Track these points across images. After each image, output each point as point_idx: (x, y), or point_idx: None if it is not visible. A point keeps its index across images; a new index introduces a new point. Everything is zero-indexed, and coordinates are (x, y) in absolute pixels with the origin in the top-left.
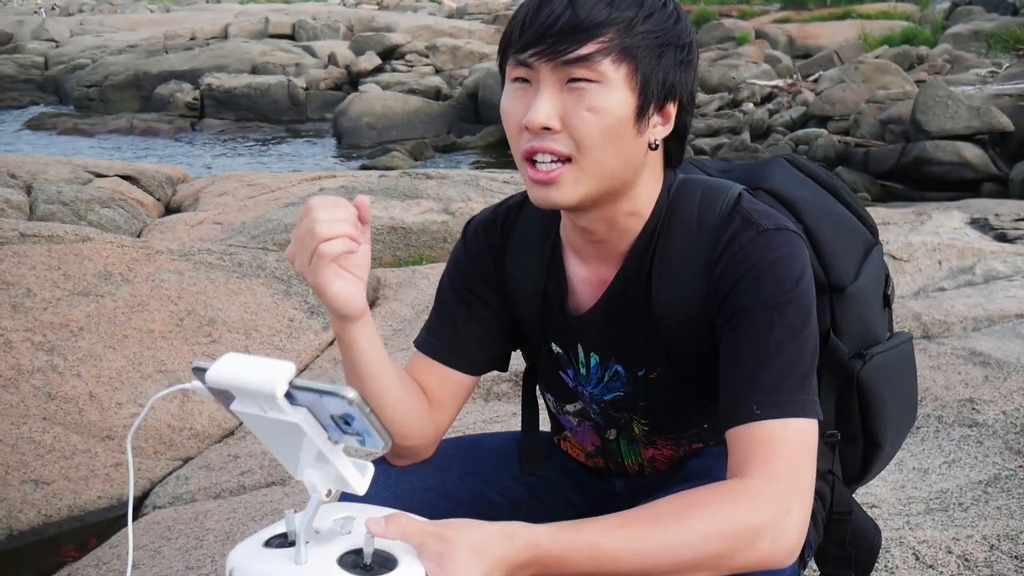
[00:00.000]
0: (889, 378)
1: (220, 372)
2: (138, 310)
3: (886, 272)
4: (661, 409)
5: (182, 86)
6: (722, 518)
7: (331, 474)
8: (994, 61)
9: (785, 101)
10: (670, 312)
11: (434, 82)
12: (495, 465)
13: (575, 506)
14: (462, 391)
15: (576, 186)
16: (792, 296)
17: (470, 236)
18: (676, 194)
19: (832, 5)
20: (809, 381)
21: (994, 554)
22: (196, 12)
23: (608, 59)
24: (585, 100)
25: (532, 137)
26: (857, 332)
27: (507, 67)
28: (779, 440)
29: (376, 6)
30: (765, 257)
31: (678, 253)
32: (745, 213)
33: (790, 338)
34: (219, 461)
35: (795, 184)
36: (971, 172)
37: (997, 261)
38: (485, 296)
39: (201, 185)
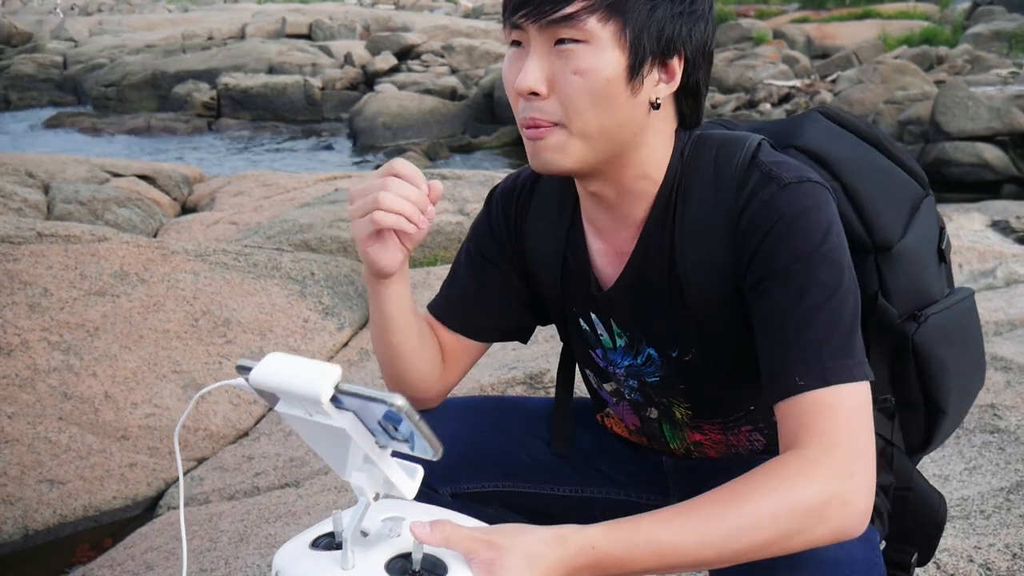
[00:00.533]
0: (948, 339)
1: (264, 373)
2: (154, 310)
3: (940, 225)
4: (701, 392)
5: (199, 86)
6: (786, 494)
7: (379, 477)
8: (1015, 61)
9: (803, 102)
10: (696, 278)
11: (450, 82)
12: (531, 428)
13: (610, 477)
14: (467, 355)
15: (569, 150)
16: (823, 252)
17: (492, 204)
18: (691, 153)
19: (851, 5)
20: (852, 341)
21: (1016, 563)
22: (214, 12)
23: (593, 17)
24: (572, 62)
25: (525, 105)
26: (909, 292)
27: (504, 31)
28: (829, 408)
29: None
30: (789, 211)
31: (698, 214)
32: (764, 166)
33: (826, 298)
34: (233, 462)
35: (831, 139)
36: (991, 174)
37: (1018, 264)
38: (500, 264)
39: (217, 185)
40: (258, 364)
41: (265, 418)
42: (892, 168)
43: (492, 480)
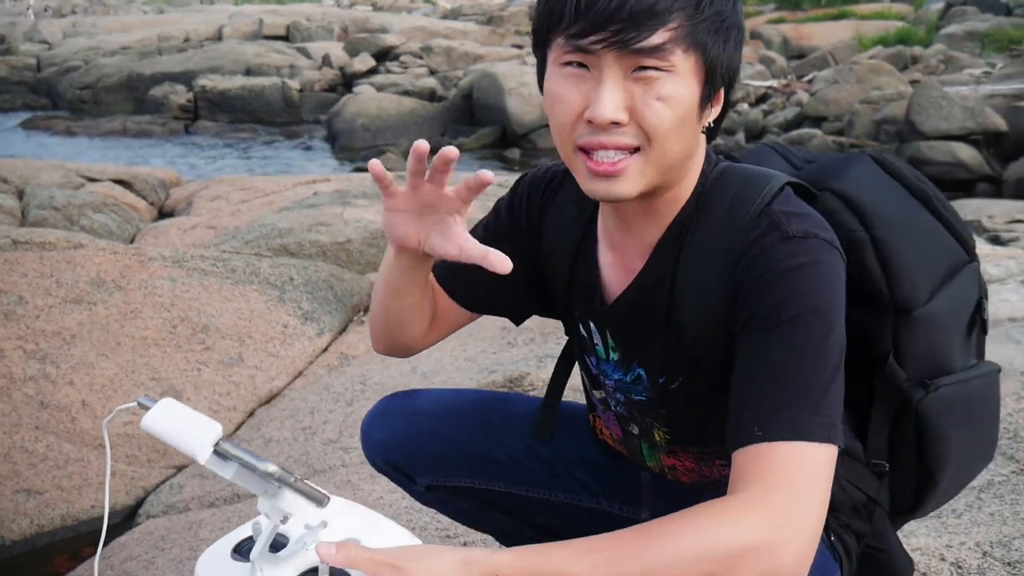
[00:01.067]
0: (955, 412)
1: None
2: (131, 317)
3: (980, 295)
4: (682, 420)
5: (176, 88)
6: (708, 535)
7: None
8: (988, 61)
9: (780, 101)
10: (691, 310)
11: (429, 83)
12: (511, 428)
13: (587, 488)
14: (456, 320)
15: (640, 178)
16: (811, 308)
17: (520, 188)
18: (712, 185)
19: (827, 5)
20: (825, 402)
21: (987, 561)
22: (190, 13)
23: (679, 49)
24: (654, 89)
25: (593, 131)
26: (924, 358)
27: (554, 48)
28: (780, 459)
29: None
30: (785, 263)
31: (704, 249)
32: (774, 215)
33: (805, 354)
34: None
35: (873, 187)
36: (965, 172)
37: (990, 264)
38: (511, 244)
39: (194, 189)
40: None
41: (244, 425)
42: (936, 229)
43: (467, 476)
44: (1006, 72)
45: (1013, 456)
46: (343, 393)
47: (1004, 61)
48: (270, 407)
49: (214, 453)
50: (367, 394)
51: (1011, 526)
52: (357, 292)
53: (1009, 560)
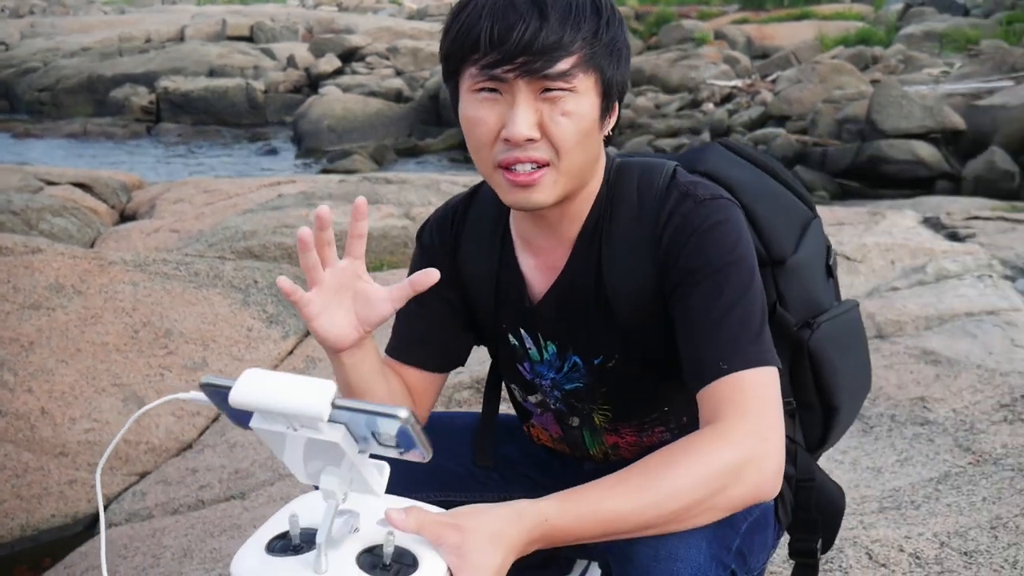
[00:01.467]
0: (838, 344)
1: (247, 393)
2: (91, 323)
3: (827, 244)
4: (621, 396)
5: (137, 89)
6: (708, 458)
7: (348, 478)
8: (946, 61)
9: (744, 101)
10: (622, 291)
11: (395, 84)
12: (457, 442)
13: (537, 483)
14: (434, 388)
15: (555, 187)
16: (734, 258)
17: (425, 237)
18: (616, 177)
19: (789, 6)
20: (764, 333)
21: (944, 551)
22: (151, 14)
23: (581, 72)
24: (560, 106)
25: (510, 148)
26: (802, 302)
27: (467, 77)
28: (746, 385)
29: (336, 8)
30: (704, 223)
31: (623, 233)
32: (682, 186)
33: (739, 297)
34: (176, 476)
35: (730, 165)
36: (925, 170)
37: (948, 260)
38: (445, 294)
39: (157, 192)
40: (237, 382)
41: (209, 430)
42: (784, 192)
43: (425, 491)
44: (964, 72)
45: (969, 448)
46: None
47: (962, 61)
48: None
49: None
50: None
51: (968, 516)
52: None
53: (966, 550)
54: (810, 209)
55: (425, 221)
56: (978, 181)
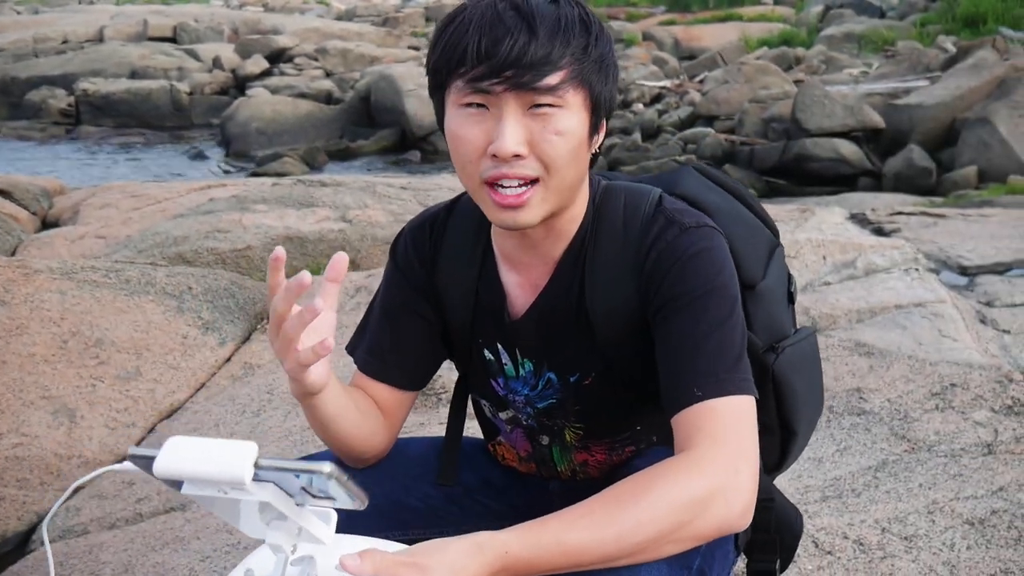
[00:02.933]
0: (799, 370)
1: (170, 463)
2: (16, 333)
3: (788, 271)
4: (594, 414)
5: (55, 92)
6: (676, 488)
7: (294, 530)
8: (865, 62)
9: (673, 101)
10: (604, 313)
11: (325, 85)
12: (415, 472)
13: (495, 512)
14: (405, 406)
15: (543, 205)
16: (716, 285)
17: (400, 249)
18: (601, 200)
19: (714, 8)
20: (742, 362)
21: (885, 536)
22: (68, 14)
23: (571, 87)
24: (551, 124)
25: (497, 164)
26: (767, 327)
27: (453, 91)
28: (719, 414)
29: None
30: (688, 251)
31: (608, 256)
32: (668, 213)
33: (719, 324)
34: (113, 489)
35: (705, 190)
36: (848, 167)
37: (876, 255)
38: (419, 308)
39: (81, 197)
40: (160, 453)
41: (144, 442)
42: (752, 218)
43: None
44: (882, 72)
45: (904, 436)
46: (249, 404)
47: (879, 61)
48: (172, 421)
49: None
50: (274, 403)
51: (906, 502)
52: (260, 300)
53: (906, 535)
54: (775, 235)
55: (399, 234)
56: (898, 178)
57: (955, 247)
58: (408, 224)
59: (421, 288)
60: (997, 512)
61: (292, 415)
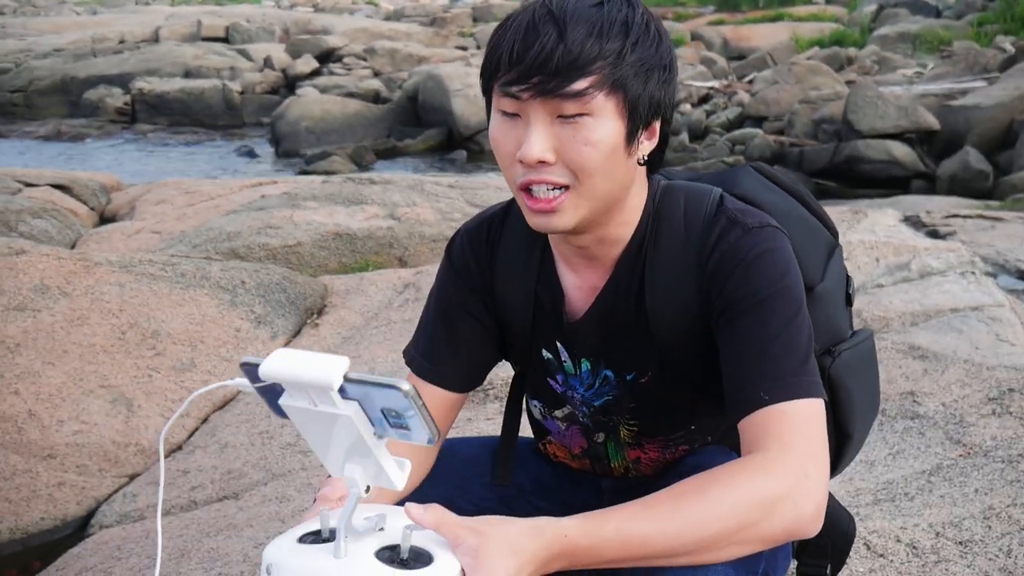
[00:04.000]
0: (855, 373)
1: (274, 366)
2: (77, 324)
3: (846, 273)
4: (650, 412)
5: (112, 91)
6: (744, 488)
7: (371, 470)
8: (919, 62)
9: (722, 102)
10: (665, 315)
11: (373, 85)
12: (466, 473)
13: (548, 513)
14: (455, 408)
15: (576, 211)
16: (781, 287)
17: (455, 250)
18: (661, 200)
19: (764, 7)
20: (808, 364)
21: (940, 541)
22: (125, 15)
23: (600, 93)
24: (580, 133)
25: (527, 170)
26: (825, 330)
27: (494, 96)
28: (789, 417)
29: (312, 8)
30: (752, 252)
31: (668, 257)
32: (730, 213)
33: (785, 326)
34: (168, 477)
35: (763, 190)
36: (901, 170)
37: (931, 257)
38: (475, 310)
39: (137, 193)
40: (266, 359)
41: (198, 431)
42: (812, 219)
43: None
44: (937, 72)
45: (960, 440)
46: None
47: (934, 62)
48: (224, 412)
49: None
50: None
51: (961, 507)
52: (310, 295)
53: (960, 539)
54: (834, 236)
55: (454, 235)
56: (952, 180)
57: (1013, 251)
58: (464, 225)
59: (477, 290)
60: None
61: None
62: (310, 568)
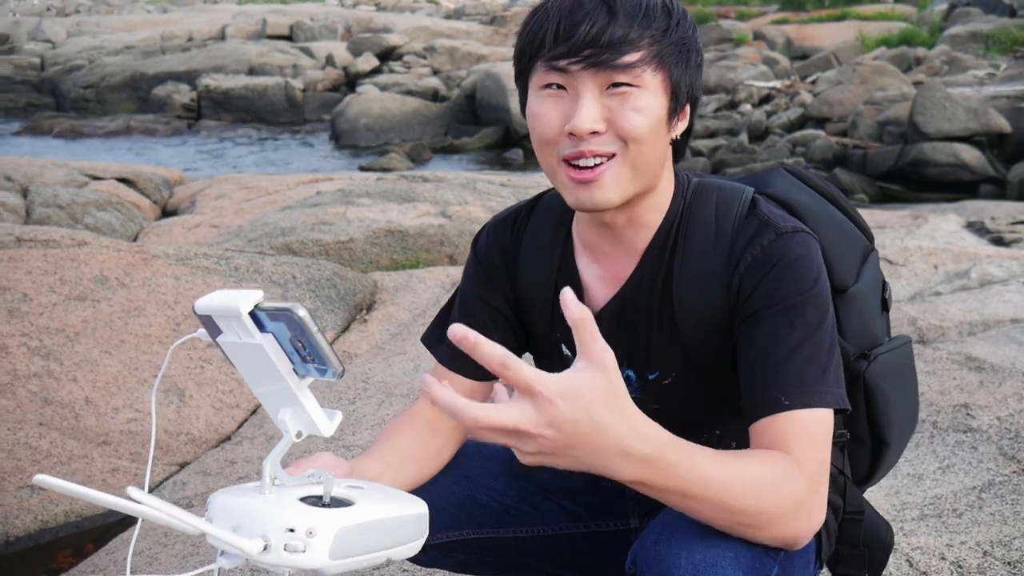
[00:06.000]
0: (892, 378)
1: (207, 301)
2: (134, 315)
3: (882, 277)
4: (672, 415)
5: (179, 87)
6: (785, 477)
7: (302, 416)
8: (991, 63)
9: (783, 102)
10: (691, 309)
11: (432, 83)
12: (489, 470)
13: (570, 512)
14: (484, 393)
15: (618, 184)
16: (810, 295)
17: (481, 242)
18: (693, 195)
19: (830, 6)
20: (829, 373)
21: (987, 560)
22: (193, 13)
23: (649, 67)
24: (629, 101)
25: (576, 142)
26: (859, 334)
27: (534, 73)
28: (806, 428)
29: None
30: (785, 257)
31: (698, 252)
32: (763, 216)
33: (810, 334)
34: (216, 467)
35: (796, 191)
36: (969, 174)
37: (992, 265)
38: (498, 303)
39: (198, 188)
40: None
41: (247, 423)
42: (845, 220)
43: (457, 529)
44: (1010, 73)
45: (1014, 456)
46: (345, 391)
47: (1008, 62)
48: None
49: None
50: (369, 392)
51: (1012, 526)
52: (360, 291)
53: (1009, 560)
54: (869, 240)
55: (481, 228)
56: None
57: None
58: (491, 220)
59: (501, 283)
60: None
61: (386, 404)
62: (234, 503)
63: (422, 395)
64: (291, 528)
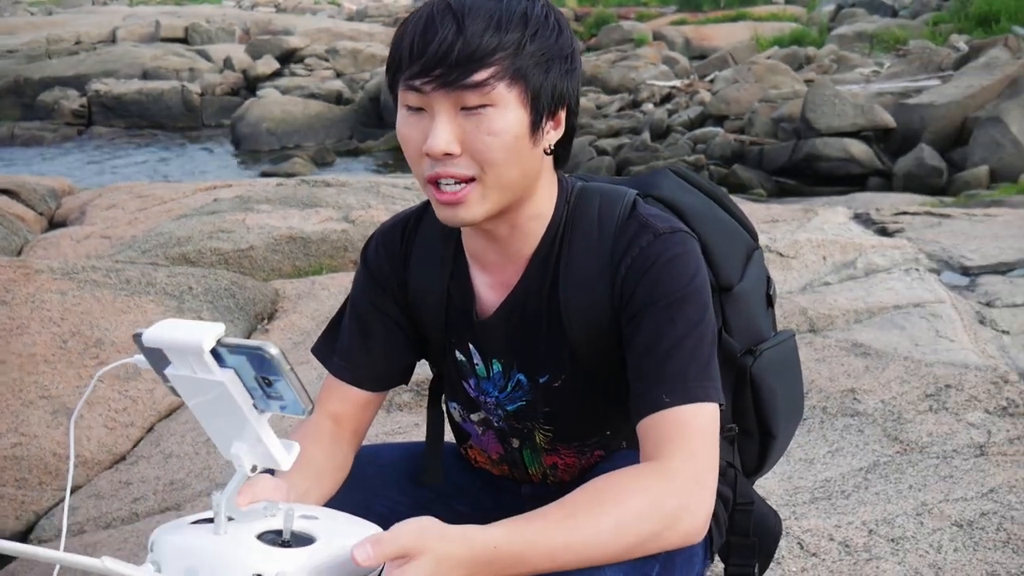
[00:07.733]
0: (778, 373)
1: (156, 332)
2: (17, 333)
3: (767, 274)
4: (564, 417)
5: (67, 93)
6: (654, 498)
7: (258, 449)
8: (876, 61)
9: (683, 101)
10: (577, 312)
11: (335, 86)
12: (385, 479)
13: (466, 517)
14: (372, 408)
15: (482, 203)
16: (688, 291)
17: (371, 250)
18: (576, 200)
19: (725, 7)
20: (710, 368)
21: (872, 538)
22: (81, 15)
23: (502, 83)
24: (483, 124)
25: (434, 163)
26: (745, 330)
27: (399, 90)
28: (689, 423)
29: (273, 9)
30: (662, 256)
31: (582, 256)
32: (642, 218)
33: (690, 330)
34: (109, 489)
35: (682, 192)
36: (858, 167)
37: (876, 255)
38: (390, 310)
39: (88, 198)
40: (150, 327)
41: (143, 441)
42: (730, 221)
43: None
44: (893, 71)
45: (897, 437)
46: None
47: (891, 60)
48: (170, 421)
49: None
50: None
51: (895, 504)
52: (260, 300)
53: (892, 536)
54: (753, 238)
55: (370, 237)
56: (908, 177)
57: (958, 247)
58: (379, 227)
59: (392, 290)
60: (986, 514)
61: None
62: (188, 544)
63: (316, 407)
64: (258, 574)
